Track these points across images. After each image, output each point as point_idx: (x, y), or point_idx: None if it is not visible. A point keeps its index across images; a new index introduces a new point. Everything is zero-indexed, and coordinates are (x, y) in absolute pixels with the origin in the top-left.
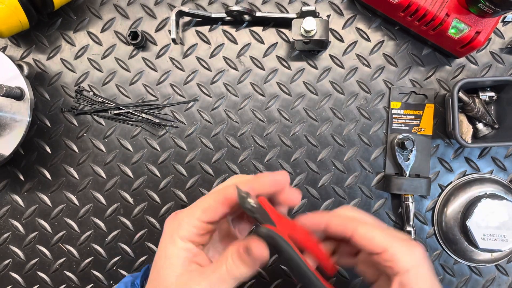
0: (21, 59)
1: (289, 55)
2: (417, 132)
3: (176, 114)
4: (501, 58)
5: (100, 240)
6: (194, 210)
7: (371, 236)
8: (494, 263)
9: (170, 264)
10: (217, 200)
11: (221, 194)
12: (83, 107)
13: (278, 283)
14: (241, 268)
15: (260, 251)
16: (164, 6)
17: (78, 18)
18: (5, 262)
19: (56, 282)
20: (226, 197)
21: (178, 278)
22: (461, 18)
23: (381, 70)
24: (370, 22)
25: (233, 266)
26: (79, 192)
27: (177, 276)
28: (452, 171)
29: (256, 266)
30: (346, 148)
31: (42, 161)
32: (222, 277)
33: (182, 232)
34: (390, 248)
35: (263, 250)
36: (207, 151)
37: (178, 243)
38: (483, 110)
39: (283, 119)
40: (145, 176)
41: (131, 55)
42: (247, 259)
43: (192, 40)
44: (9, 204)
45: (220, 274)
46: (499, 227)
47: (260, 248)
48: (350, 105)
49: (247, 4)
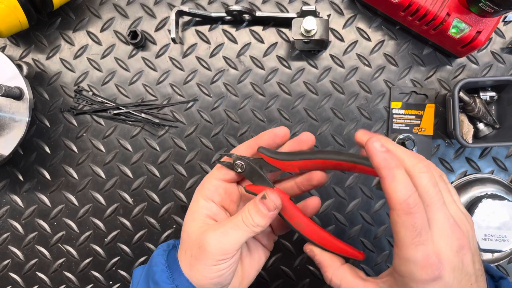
0: (20, 59)
1: (289, 54)
2: (417, 132)
3: (176, 114)
4: (502, 57)
5: (99, 240)
6: (212, 171)
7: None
8: (494, 264)
9: (192, 218)
10: None
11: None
12: (83, 107)
13: (278, 283)
14: (255, 215)
15: (273, 198)
16: (164, 5)
17: (77, 17)
18: (4, 262)
19: (55, 283)
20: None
21: (198, 228)
22: (462, 17)
23: (381, 70)
24: (370, 22)
25: (248, 215)
26: (79, 192)
27: (197, 227)
28: (453, 171)
29: (270, 216)
30: (346, 148)
31: (42, 161)
32: (237, 224)
33: (204, 192)
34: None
35: (276, 198)
36: (207, 151)
37: (200, 202)
38: (484, 110)
39: (283, 119)
40: (144, 176)
41: (131, 55)
42: (262, 207)
43: (192, 40)
44: (8, 205)
45: (235, 222)
46: (500, 227)
47: (274, 196)
48: (350, 105)
49: (247, 3)
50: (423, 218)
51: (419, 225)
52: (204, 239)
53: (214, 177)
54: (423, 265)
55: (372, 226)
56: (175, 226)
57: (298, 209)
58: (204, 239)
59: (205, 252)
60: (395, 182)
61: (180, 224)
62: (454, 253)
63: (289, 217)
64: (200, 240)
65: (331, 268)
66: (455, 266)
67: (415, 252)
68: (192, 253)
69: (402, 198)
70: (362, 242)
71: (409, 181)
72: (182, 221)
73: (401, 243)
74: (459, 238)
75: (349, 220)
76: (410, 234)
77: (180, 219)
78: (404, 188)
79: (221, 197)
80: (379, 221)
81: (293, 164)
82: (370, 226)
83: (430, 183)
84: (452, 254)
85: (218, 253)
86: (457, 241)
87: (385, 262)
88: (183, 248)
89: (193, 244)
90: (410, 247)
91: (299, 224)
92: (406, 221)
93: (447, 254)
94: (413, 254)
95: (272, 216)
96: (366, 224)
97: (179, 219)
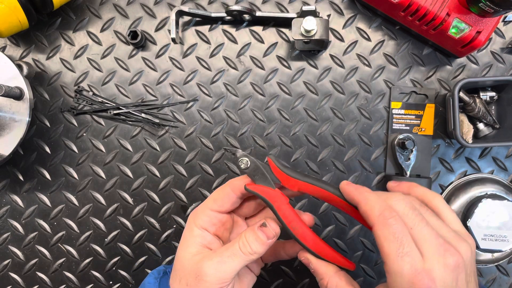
0: (21, 59)
1: (289, 54)
2: (417, 132)
3: (176, 114)
4: (501, 57)
5: (99, 240)
6: (207, 201)
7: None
8: (494, 264)
9: (186, 246)
10: (224, 190)
11: (228, 184)
12: (83, 107)
13: (278, 283)
14: (253, 243)
15: (273, 227)
16: (164, 5)
17: (77, 17)
18: (4, 262)
19: (55, 283)
20: (232, 187)
21: (193, 256)
22: (462, 17)
23: (381, 70)
24: (370, 22)
25: (246, 243)
26: (79, 192)
27: (191, 255)
28: (453, 171)
29: (268, 243)
30: (346, 148)
31: (42, 161)
32: (234, 253)
33: (197, 221)
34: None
35: (276, 227)
36: (207, 151)
37: (194, 231)
38: (484, 110)
39: (283, 119)
40: (144, 176)
41: (131, 55)
42: (261, 235)
43: (192, 40)
44: (8, 205)
45: (232, 251)
46: (500, 227)
47: (274, 225)
48: (350, 105)
49: (247, 3)
50: (403, 228)
51: (399, 234)
52: (201, 268)
53: (210, 208)
54: (412, 279)
55: None
56: (175, 226)
57: (296, 214)
58: (201, 268)
59: (202, 281)
60: (369, 201)
61: (180, 224)
62: (447, 272)
63: (287, 221)
64: (196, 269)
65: (327, 275)
66: (448, 285)
67: (402, 264)
68: (188, 282)
69: (377, 212)
70: (362, 242)
71: (382, 200)
72: (182, 221)
73: (387, 257)
74: (452, 256)
75: (349, 220)
76: (393, 245)
77: (180, 219)
78: (377, 204)
79: (215, 227)
80: None
81: (295, 182)
82: None
83: (407, 208)
84: (445, 272)
85: (216, 282)
86: (451, 258)
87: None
88: (177, 276)
89: (188, 273)
90: (396, 259)
91: (295, 228)
92: (386, 232)
93: (440, 271)
94: (400, 266)
95: (270, 243)
96: None
97: (179, 219)
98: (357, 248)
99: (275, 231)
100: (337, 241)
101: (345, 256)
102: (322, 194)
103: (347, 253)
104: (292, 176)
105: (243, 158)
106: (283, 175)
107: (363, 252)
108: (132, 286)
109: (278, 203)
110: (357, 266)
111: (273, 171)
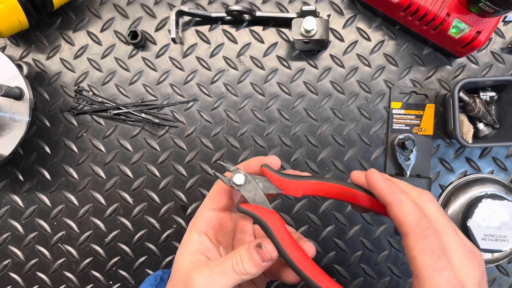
0: (21, 59)
1: (289, 54)
2: (417, 132)
3: (176, 114)
4: (501, 57)
5: (99, 240)
6: (204, 202)
7: (402, 220)
8: (494, 264)
9: (184, 251)
10: (218, 186)
11: (219, 180)
12: (83, 107)
13: (278, 283)
14: (247, 264)
15: (269, 249)
16: (164, 5)
17: (77, 17)
18: (4, 262)
19: (55, 283)
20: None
21: (187, 264)
22: (462, 17)
23: (381, 70)
24: (370, 22)
25: (239, 262)
26: (79, 192)
27: (187, 262)
28: (453, 171)
29: (263, 266)
30: (346, 148)
31: (42, 161)
32: (225, 270)
33: (197, 225)
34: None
35: (272, 250)
36: (207, 151)
37: (193, 235)
38: (484, 110)
39: (283, 119)
40: (144, 176)
41: (131, 55)
42: (256, 256)
43: (192, 40)
44: (8, 204)
45: (224, 268)
46: (500, 227)
47: (270, 247)
48: (350, 105)
49: (247, 3)
50: (439, 242)
51: (437, 248)
52: (191, 279)
53: (207, 207)
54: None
55: (372, 226)
56: (175, 226)
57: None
58: (190, 279)
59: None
60: (404, 206)
61: (180, 224)
62: (475, 284)
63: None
64: (186, 279)
65: None
66: None
67: (439, 280)
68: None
69: (414, 222)
70: (362, 242)
71: (416, 206)
72: (182, 221)
73: (422, 272)
74: (479, 268)
75: (349, 220)
76: (430, 259)
77: (180, 219)
78: (414, 211)
79: (214, 230)
80: (379, 221)
81: (297, 185)
82: (370, 226)
83: (439, 212)
84: (474, 285)
85: None
86: (478, 271)
87: (385, 262)
88: (172, 283)
89: (180, 281)
90: (433, 274)
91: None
92: (422, 245)
93: (470, 284)
94: (437, 283)
95: (266, 266)
96: (366, 224)
97: (179, 219)
98: (357, 248)
99: (271, 255)
100: (337, 241)
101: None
102: (330, 189)
103: (347, 253)
104: (293, 178)
105: (237, 175)
106: (283, 180)
107: (363, 252)
108: (132, 286)
109: (275, 226)
110: (357, 266)
111: (271, 180)
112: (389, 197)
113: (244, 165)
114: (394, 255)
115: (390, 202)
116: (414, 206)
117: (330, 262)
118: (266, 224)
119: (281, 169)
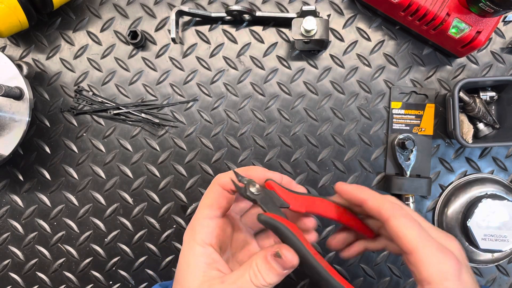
0: (21, 58)
1: (289, 54)
2: (417, 132)
3: (176, 114)
4: (501, 57)
5: (99, 240)
6: (202, 210)
7: (403, 234)
8: (494, 264)
9: (191, 273)
10: (215, 191)
11: (216, 184)
12: (83, 107)
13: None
14: (267, 275)
15: (290, 256)
16: (164, 5)
17: (77, 17)
18: (4, 262)
19: (55, 283)
20: (222, 185)
21: (200, 284)
22: (462, 17)
23: (381, 70)
24: (370, 22)
25: (258, 274)
26: (79, 192)
27: (199, 282)
28: (453, 171)
29: (283, 273)
30: (346, 148)
31: (42, 161)
32: (244, 286)
33: (198, 236)
34: (418, 253)
35: (293, 256)
36: (207, 151)
37: (196, 249)
38: (484, 110)
39: (283, 119)
40: (144, 176)
41: (131, 55)
42: (275, 265)
43: (192, 40)
44: (8, 205)
45: (242, 283)
46: (500, 227)
47: (290, 255)
48: (350, 105)
49: (247, 3)
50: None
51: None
52: None
53: (206, 216)
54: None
55: None
56: (175, 226)
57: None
58: None
59: None
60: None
61: (180, 224)
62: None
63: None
64: None
65: None
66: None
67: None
68: None
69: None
70: None
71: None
72: (182, 221)
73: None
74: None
75: None
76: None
77: (180, 219)
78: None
79: (219, 238)
80: None
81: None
82: None
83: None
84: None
85: None
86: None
87: (385, 262)
88: None
89: None
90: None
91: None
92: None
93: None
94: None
95: (287, 274)
96: None
97: (179, 219)
98: None
99: (293, 263)
100: None
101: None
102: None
103: None
104: (298, 193)
105: (253, 184)
106: (292, 195)
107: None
108: (132, 286)
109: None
110: (357, 266)
111: (279, 194)
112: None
113: (245, 172)
114: (394, 255)
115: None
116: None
117: (330, 262)
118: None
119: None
